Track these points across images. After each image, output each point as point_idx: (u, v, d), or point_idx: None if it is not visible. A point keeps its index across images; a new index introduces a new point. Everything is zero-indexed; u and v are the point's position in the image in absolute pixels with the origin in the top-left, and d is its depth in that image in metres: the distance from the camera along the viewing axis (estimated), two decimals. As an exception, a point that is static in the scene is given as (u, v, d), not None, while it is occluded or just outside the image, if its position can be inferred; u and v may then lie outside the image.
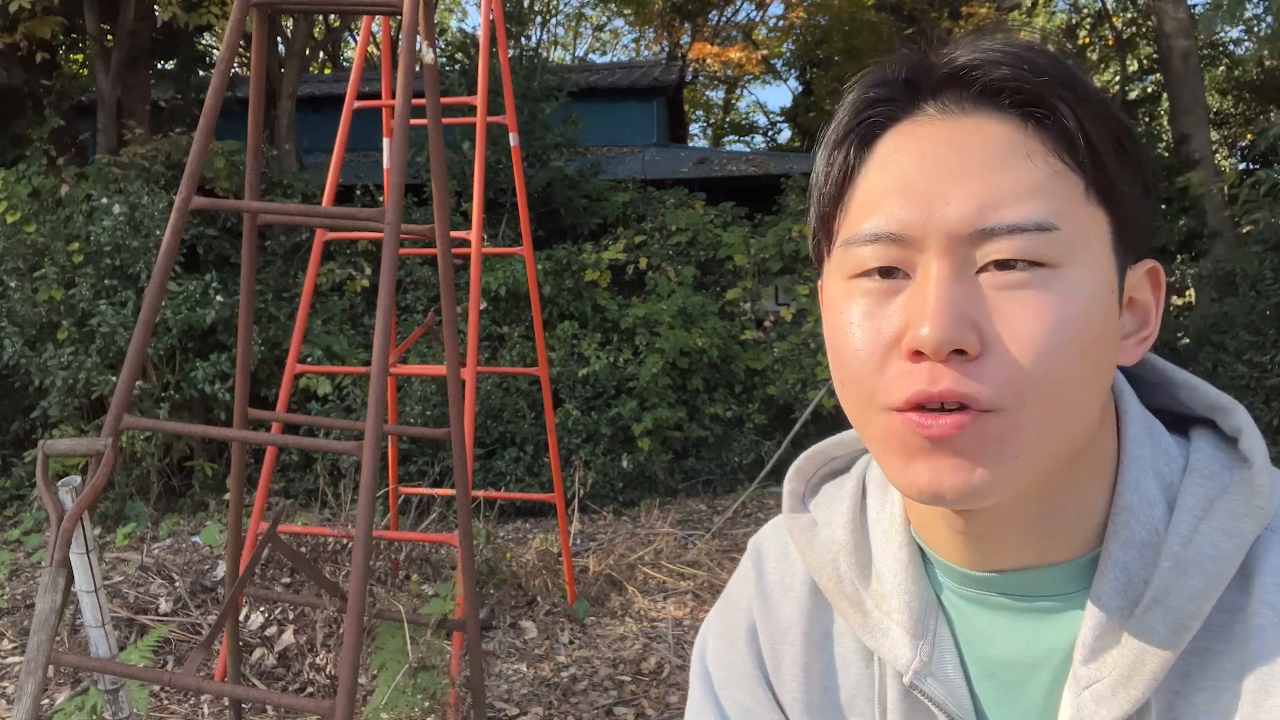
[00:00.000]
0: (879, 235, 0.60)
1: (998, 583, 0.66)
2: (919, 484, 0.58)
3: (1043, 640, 0.65)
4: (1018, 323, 0.56)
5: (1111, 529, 0.63)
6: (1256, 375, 6.59)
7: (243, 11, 2.34)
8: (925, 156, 0.60)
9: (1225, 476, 0.64)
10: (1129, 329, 0.64)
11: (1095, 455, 0.63)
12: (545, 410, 4.57)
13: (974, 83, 0.61)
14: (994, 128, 0.60)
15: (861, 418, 0.62)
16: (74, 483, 2.06)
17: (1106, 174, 0.59)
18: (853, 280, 0.62)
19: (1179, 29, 9.07)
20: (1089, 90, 0.60)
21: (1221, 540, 0.60)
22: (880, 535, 0.74)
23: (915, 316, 0.57)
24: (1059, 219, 0.57)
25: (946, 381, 0.56)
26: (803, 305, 7.30)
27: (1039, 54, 0.61)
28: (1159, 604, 0.60)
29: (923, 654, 0.68)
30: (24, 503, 6.47)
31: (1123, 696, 0.60)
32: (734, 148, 19.32)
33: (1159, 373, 0.71)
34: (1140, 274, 0.64)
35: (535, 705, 3.63)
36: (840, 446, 0.82)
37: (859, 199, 0.63)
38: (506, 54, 4.21)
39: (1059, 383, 0.56)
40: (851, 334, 0.61)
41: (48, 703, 3.48)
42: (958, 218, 0.57)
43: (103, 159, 7.29)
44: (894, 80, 0.64)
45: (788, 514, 0.79)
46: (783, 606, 0.77)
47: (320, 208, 2.53)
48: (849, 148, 0.64)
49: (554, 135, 7.89)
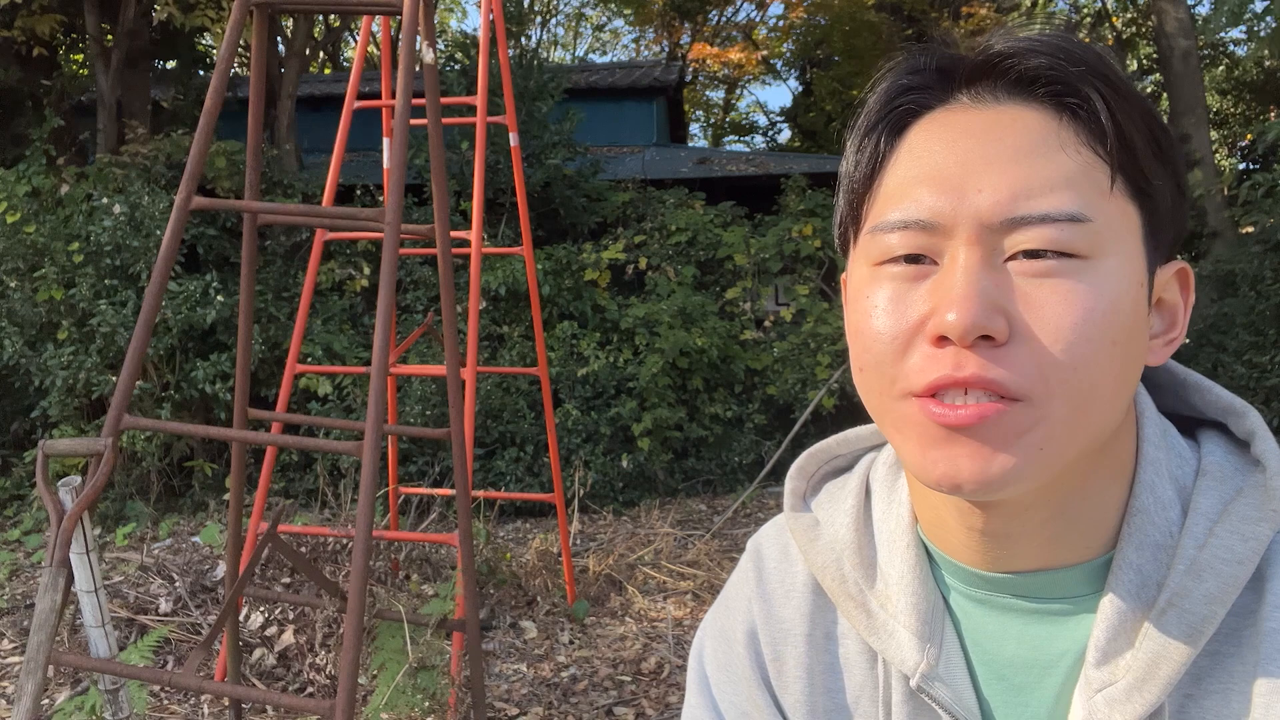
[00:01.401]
0: (908, 222, 0.59)
1: (1010, 584, 0.65)
2: (937, 472, 0.57)
3: (1054, 643, 0.65)
4: (1047, 310, 0.55)
5: (1126, 531, 0.62)
6: (1256, 375, 6.59)
7: (243, 11, 2.34)
8: (957, 145, 0.59)
9: (1238, 480, 0.63)
10: (1157, 330, 0.63)
11: (1115, 454, 0.63)
12: (545, 410, 4.57)
13: (1009, 71, 0.60)
14: (1028, 117, 0.59)
15: (880, 404, 0.62)
16: (74, 483, 2.06)
17: (1140, 168, 0.59)
18: (879, 266, 0.61)
19: (1179, 29, 9.07)
20: (1125, 84, 0.59)
21: (1236, 544, 0.60)
22: (886, 536, 0.73)
23: (942, 302, 0.56)
24: (1091, 211, 0.56)
25: (972, 367, 0.55)
26: (802, 305, 7.30)
27: (1075, 44, 0.60)
28: (1174, 607, 0.59)
29: (929, 657, 0.67)
30: (24, 503, 6.47)
31: (1137, 700, 0.59)
32: (734, 148, 19.33)
33: (1171, 375, 0.70)
34: (1169, 274, 0.63)
35: (535, 705, 3.63)
36: (843, 444, 0.81)
37: (889, 186, 0.62)
38: (506, 54, 4.21)
39: (1089, 373, 0.55)
40: (875, 318, 0.60)
41: (48, 703, 3.48)
42: (989, 206, 0.57)
43: (103, 159, 7.29)
44: (927, 68, 0.63)
45: (789, 513, 0.78)
46: (784, 608, 0.76)
47: (320, 208, 2.53)
48: (880, 135, 0.63)
49: (551, 134, 7.89)
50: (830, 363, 6.80)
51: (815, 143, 17.39)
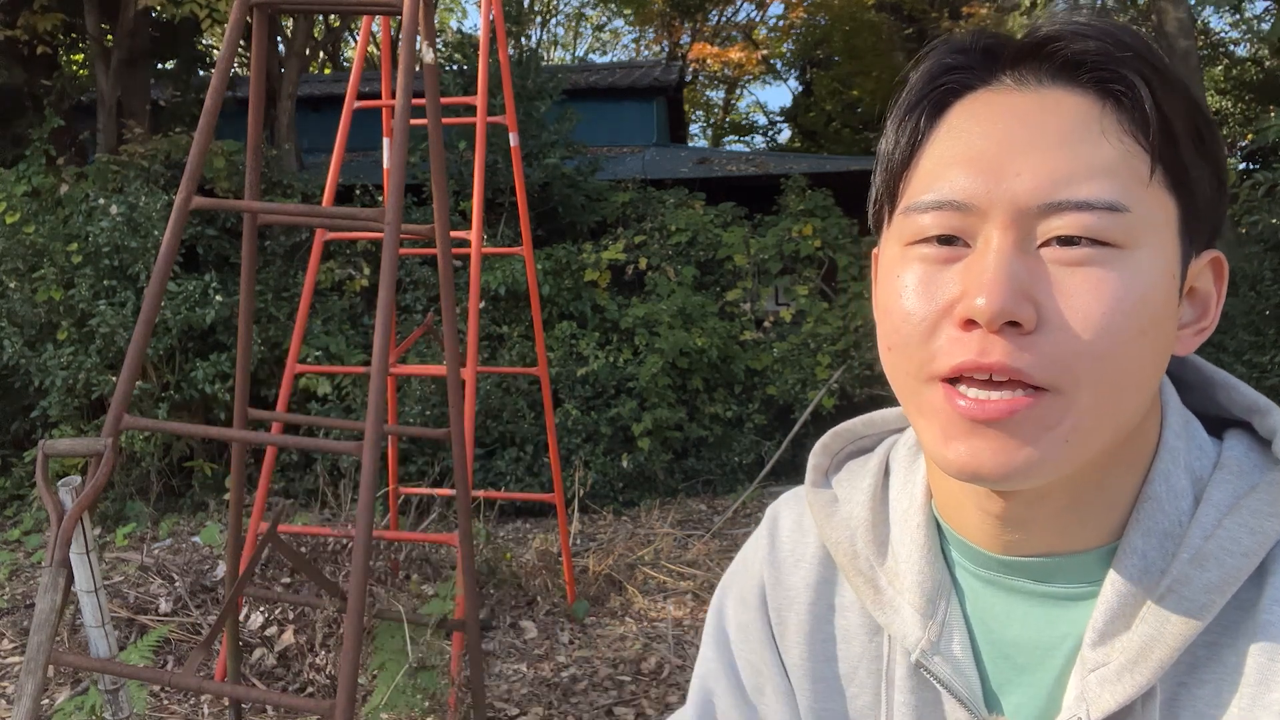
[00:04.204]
0: (942, 203, 0.59)
1: (1020, 567, 0.66)
2: (959, 461, 0.57)
3: (1059, 625, 0.65)
4: (1077, 299, 0.55)
5: (1135, 517, 0.62)
6: (1256, 375, 6.58)
7: (242, 11, 2.34)
8: (997, 126, 0.59)
9: (1256, 476, 0.63)
10: (1187, 319, 0.63)
11: (1136, 443, 0.63)
12: (545, 410, 4.57)
13: (1056, 55, 0.59)
14: (1071, 101, 0.58)
15: (906, 385, 0.62)
16: (74, 483, 2.06)
17: (1180, 160, 0.58)
18: (911, 246, 0.61)
19: (1179, 29, 9.07)
20: (1171, 73, 0.59)
21: (1244, 536, 0.60)
22: (899, 514, 0.74)
23: (972, 285, 0.56)
24: (1130, 201, 0.56)
25: (998, 354, 0.55)
26: (802, 306, 7.30)
27: (1123, 30, 0.60)
28: (1173, 594, 0.60)
29: (931, 634, 0.68)
30: (24, 503, 6.47)
31: (1127, 681, 0.60)
32: (734, 148, 19.32)
33: (1199, 373, 0.70)
34: (1203, 264, 0.63)
35: (535, 705, 3.63)
36: (869, 426, 0.81)
37: (926, 166, 0.61)
38: (506, 54, 4.21)
39: (1117, 363, 0.55)
40: (905, 298, 0.60)
41: (48, 703, 3.48)
42: (1027, 190, 0.56)
43: (102, 158, 7.29)
44: (972, 49, 0.63)
45: (810, 488, 0.79)
46: (792, 575, 0.78)
47: (320, 208, 2.53)
48: (920, 114, 0.63)
49: (549, 134, 7.89)
50: (830, 363, 6.81)
51: (815, 143, 17.38)
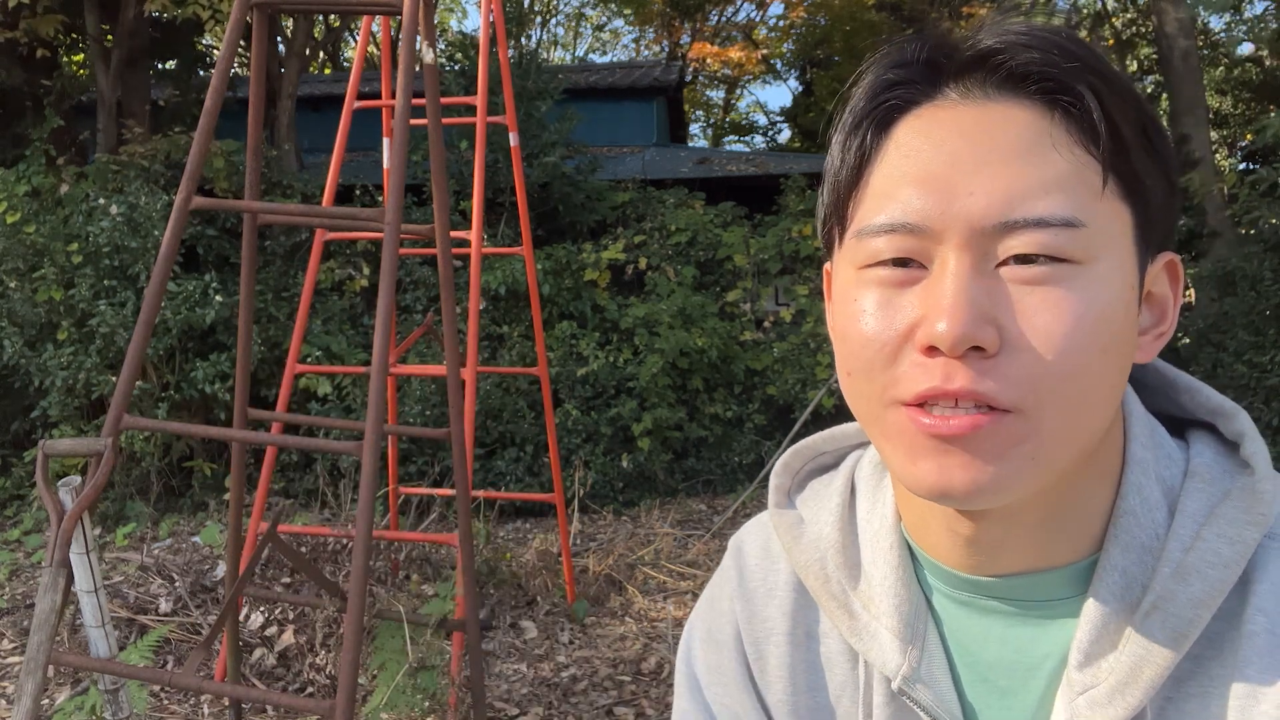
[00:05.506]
0: (895, 225, 0.57)
1: (994, 587, 0.64)
2: (927, 481, 0.56)
3: (1038, 645, 0.64)
4: (1039, 319, 0.54)
5: (1112, 532, 0.61)
6: (1256, 375, 6.58)
7: (242, 11, 2.34)
8: (945, 144, 0.57)
9: (1227, 482, 0.62)
10: (1146, 324, 0.62)
11: (1103, 456, 0.61)
12: (545, 410, 4.57)
13: (1000, 67, 0.58)
14: (1019, 115, 0.57)
15: (868, 411, 0.60)
16: (74, 483, 2.06)
17: (1132, 168, 0.57)
18: (865, 269, 0.59)
19: (1179, 29, 9.06)
20: (1118, 79, 0.58)
21: (1223, 547, 0.59)
22: (870, 536, 0.71)
23: (932, 310, 0.55)
24: (1085, 215, 0.55)
25: (962, 379, 0.54)
26: (802, 305, 7.30)
27: (1068, 39, 0.58)
28: (1158, 610, 0.58)
29: (911, 659, 0.66)
30: (24, 503, 6.47)
31: (1119, 703, 0.58)
32: (734, 148, 19.32)
33: (1160, 376, 0.69)
34: (1159, 267, 0.62)
35: (535, 705, 3.63)
36: (829, 441, 0.79)
37: (875, 186, 0.60)
38: (506, 54, 4.21)
39: (1080, 382, 0.54)
40: (864, 322, 0.58)
41: (48, 703, 3.48)
42: (981, 210, 0.55)
43: (102, 158, 7.29)
44: (914, 62, 0.61)
45: (774, 510, 0.77)
46: (766, 606, 0.75)
47: (320, 208, 2.53)
48: (865, 132, 0.61)
49: (550, 134, 7.90)
50: (830, 363, 6.80)
51: (815, 143, 17.37)
